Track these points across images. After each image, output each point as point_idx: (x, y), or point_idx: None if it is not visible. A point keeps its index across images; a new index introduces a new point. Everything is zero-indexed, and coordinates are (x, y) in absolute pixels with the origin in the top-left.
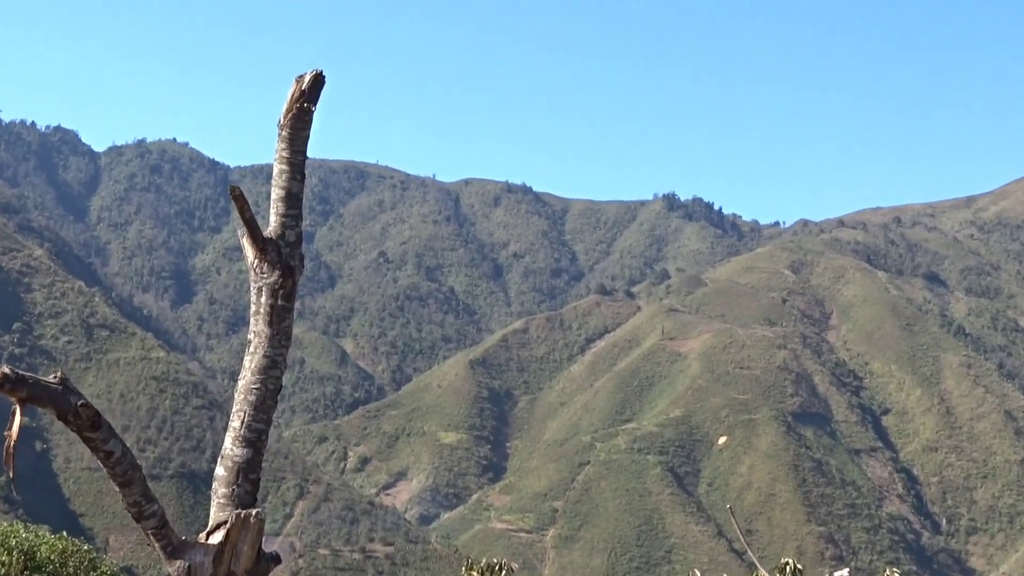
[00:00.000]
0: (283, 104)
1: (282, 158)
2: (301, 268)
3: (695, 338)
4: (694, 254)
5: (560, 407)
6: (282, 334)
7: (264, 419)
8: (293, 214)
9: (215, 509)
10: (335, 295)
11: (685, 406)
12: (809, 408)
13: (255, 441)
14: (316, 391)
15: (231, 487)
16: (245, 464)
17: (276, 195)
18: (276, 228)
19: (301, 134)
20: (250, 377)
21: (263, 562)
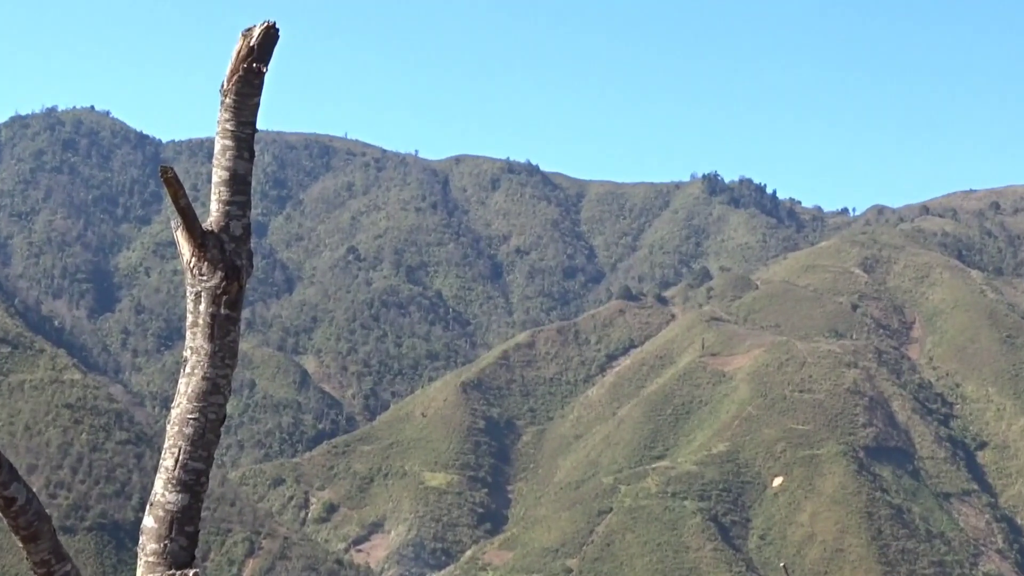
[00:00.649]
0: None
1: (226, 131)
2: (250, 268)
3: (743, 354)
4: (741, 249)
5: (575, 441)
6: (226, 351)
7: (204, 457)
8: (240, 201)
9: (143, 570)
10: (293, 302)
11: (731, 439)
12: (886, 441)
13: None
14: (270, 422)
15: (163, 542)
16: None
17: (219, 177)
18: (219, 218)
19: (249, 102)
20: (186, 405)
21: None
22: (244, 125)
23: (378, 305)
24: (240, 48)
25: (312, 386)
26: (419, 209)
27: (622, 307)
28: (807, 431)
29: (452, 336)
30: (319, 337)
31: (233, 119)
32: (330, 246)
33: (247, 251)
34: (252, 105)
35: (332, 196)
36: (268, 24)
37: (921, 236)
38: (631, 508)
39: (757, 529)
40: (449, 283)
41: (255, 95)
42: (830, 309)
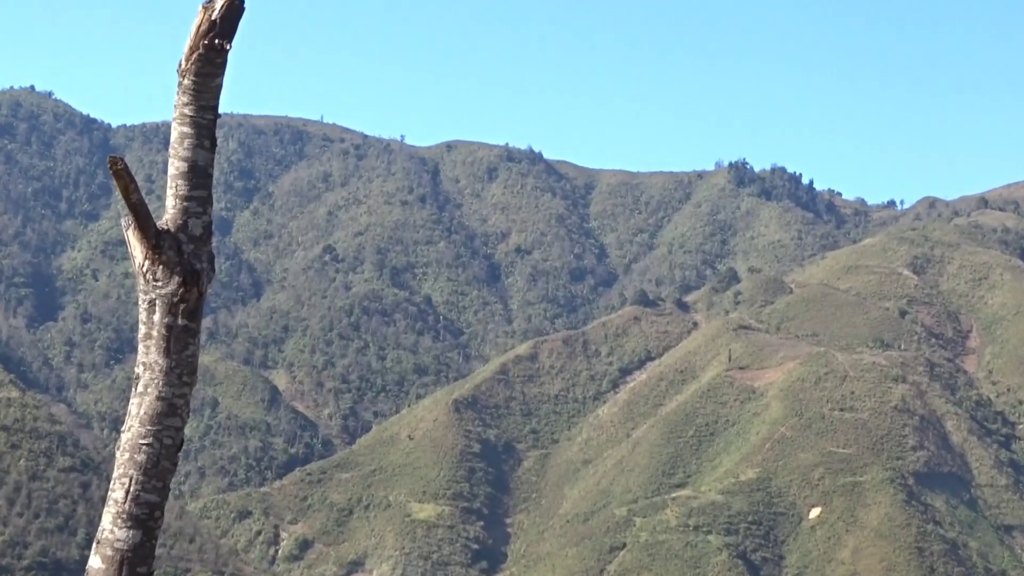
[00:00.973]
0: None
1: (184, 116)
2: (211, 272)
3: (776, 367)
4: (773, 247)
5: (583, 467)
6: (184, 367)
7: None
8: (199, 196)
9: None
10: (261, 309)
11: (762, 465)
12: (939, 467)
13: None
14: (235, 446)
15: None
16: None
17: (176, 168)
18: (176, 216)
19: (210, 83)
20: (139, 428)
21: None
22: (205, 109)
23: (358, 312)
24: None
25: (283, 405)
26: (405, 203)
27: (637, 314)
28: (849, 455)
29: (443, 347)
30: (291, 349)
31: (192, 102)
32: (304, 245)
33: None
34: (214, 87)
35: (306, 188)
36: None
37: (979, 232)
38: (648, 544)
39: (791, 568)
40: (440, 287)
41: (217, 75)
42: (875, 316)
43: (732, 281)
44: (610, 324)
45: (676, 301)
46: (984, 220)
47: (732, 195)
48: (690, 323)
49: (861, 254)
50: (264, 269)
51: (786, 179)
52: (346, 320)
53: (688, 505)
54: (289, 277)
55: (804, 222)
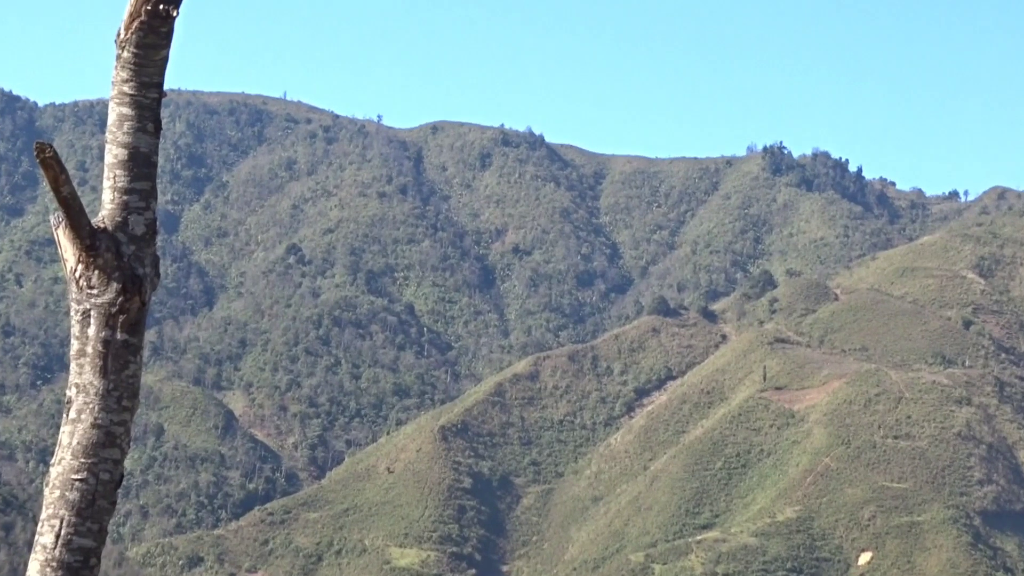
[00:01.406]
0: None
1: (123, 95)
2: (156, 278)
3: (818, 387)
4: (815, 246)
5: (593, 505)
6: (123, 389)
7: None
8: (142, 188)
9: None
10: (215, 320)
11: (803, 502)
12: (1010, 504)
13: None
14: (184, 481)
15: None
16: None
17: (114, 156)
18: (114, 212)
19: (154, 56)
20: (71, 461)
21: None
22: (147, 87)
23: (328, 323)
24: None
25: (240, 433)
26: (383, 194)
27: (655, 325)
28: (904, 490)
29: (428, 365)
30: (249, 367)
31: (133, 79)
32: (264, 244)
33: (151, 255)
34: (158, 60)
35: (266, 177)
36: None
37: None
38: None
39: None
40: (424, 294)
41: (161, 47)
42: (935, 327)
43: (767, 286)
44: (624, 337)
45: (701, 310)
46: None
47: (767, 185)
48: (718, 336)
49: (918, 254)
50: (218, 273)
51: (830, 166)
52: (314, 333)
53: (716, 549)
54: (247, 282)
55: (851, 216)
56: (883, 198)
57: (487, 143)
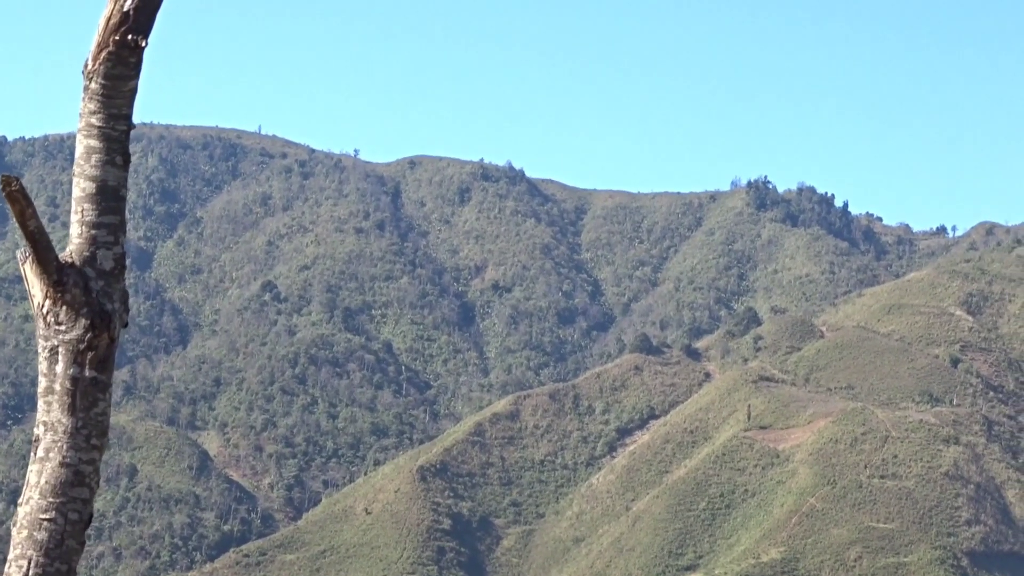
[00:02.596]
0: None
1: (91, 127)
2: (125, 314)
3: (804, 427)
4: (801, 282)
5: (574, 547)
6: (92, 427)
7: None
8: (110, 222)
9: None
10: (189, 358)
11: (788, 543)
12: (998, 544)
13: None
14: (157, 522)
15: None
16: None
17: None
18: (82, 246)
19: (123, 87)
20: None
21: None
22: (116, 118)
23: (305, 362)
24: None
25: (215, 473)
26: (360, 230)
27: (638, 363)
28: (891, 531)
29: (406, 404)
30: (224, 406)
31: (101, 110)
32: (239, 281)
33: (121, 290)
34: (126, 91)
35: (241, 213)
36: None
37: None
38: None
39: None
40: (402, 332)
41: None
42: (922, 365)
43: (751, 324)
44: (606, 375)
45: (684, 348)
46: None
47: (751, 220)
48: (701, 374)
49: (905, 291)
50: (191, 311)
51: (815, 201)
52: (290, 371)
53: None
54: (221, 320)
55: (837, 252)
56: (869, 233)
57: (466, 177)
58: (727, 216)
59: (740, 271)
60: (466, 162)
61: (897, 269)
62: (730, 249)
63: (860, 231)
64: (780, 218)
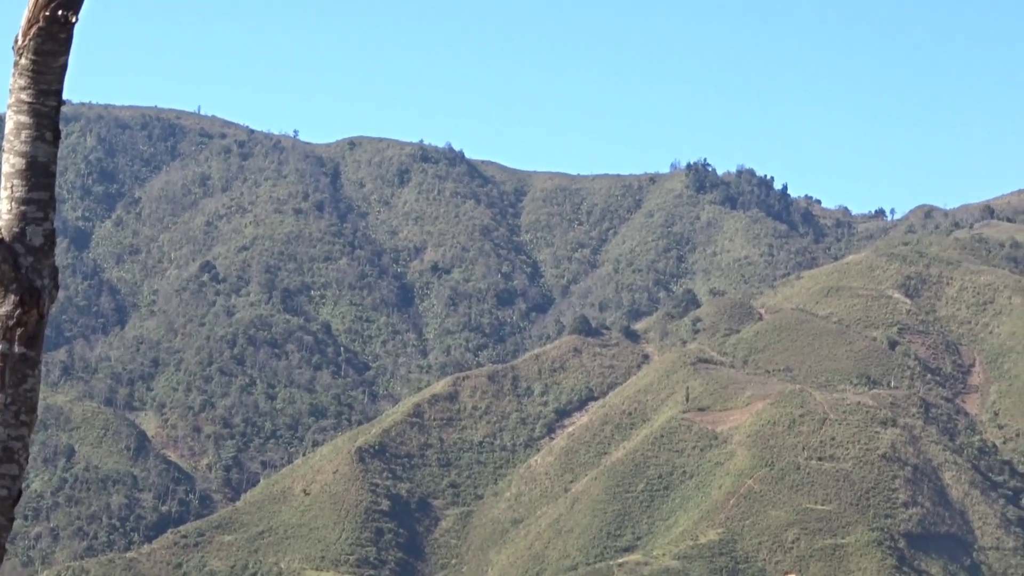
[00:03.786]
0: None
1: (21, 103)
2: (55, 290)
3: (742, 408)
4: (739, 264)
5: (513, 528)
6: (21, 403)
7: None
8: (40, 198)
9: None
10: (126, 339)
11: (726, 524)
12: (935, 527)
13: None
14: (95, 502)
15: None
16: None
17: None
18: (11, 222)
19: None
20: None
21: None
22: (46, 94)
23: (243, 343)
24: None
25: (153, 454)
26: (299, 211)
27: (577, 345)
28: (828, 513)
29: (345, 385)
30: (162, 387)
31: (31, 86)
32: (177, 262)
33: (50, 266)
34: (56, 67)
35: (179, 193)
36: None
37: (983, 247)
38: None
39: None
40: (341, 313)
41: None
42: (860, 347)
43: (690, 306)
44: (544, 357)
45: (623, 329)
46: (989, 233)
47: (690, 203)
48: (640, 356)
49: (844, 273)
50: (129, 291)
51: (755, 183)
52: (228, 352)
53: (638, 572)
54: (160, 300)
55: (776, 235)
56: (808, 216)
57: (406, 159)
58: (666, 198)
59: (679, 253)
60: (406, 143)
61: (836, 252)
62: (669, 231)
63: (799, 214)
64: (719, 200)
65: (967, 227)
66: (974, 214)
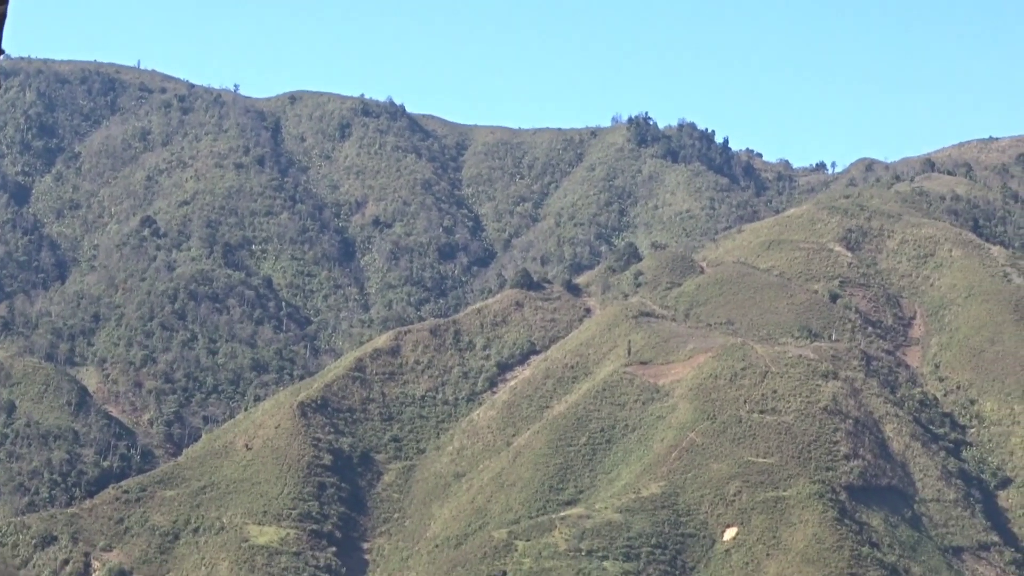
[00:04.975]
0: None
1: None
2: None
3: (684, 362)
4: (681, 219)
5: (455, 481)
6: None
7: None
8: None
9: None
10: (67, 294)
11: (668, 477)
12: (876, 479)
13: None
14: (35, 458)
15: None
16: None
17: None
18: None
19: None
20: None
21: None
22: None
23: (184, 297)
24: None
25: (94, 409)
26: (240, 166)
27: (519, 299)
28: (770, 465)
29: (286, 339)
30: (103, 342)
31: None
32: (117, 217)
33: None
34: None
35: (120, 148)
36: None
37: (924, 200)
38: (532, 572)
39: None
40: (282, 267)
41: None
42: (801, 300)
43: (632, 259)
44: (486, 311)
45: (565, 283)
46: (930, 186)
47: (632, 156)
48: (582, 309)
49: (785, 227)
50: (70, 246)
51: (696, 137)
52: (169, 307)
53: (580, 526)
54: (100, 255)
55: (717, 188)
56: (750, 169)
57: (347, 113)
58: (608, 152)
59: (621, 207)
60: (347, 97)
61: (777, 205)
62: (611, 185)
63: (740, 167)
64: (660, 154)
65: (908, 180)
66: (915, 167)
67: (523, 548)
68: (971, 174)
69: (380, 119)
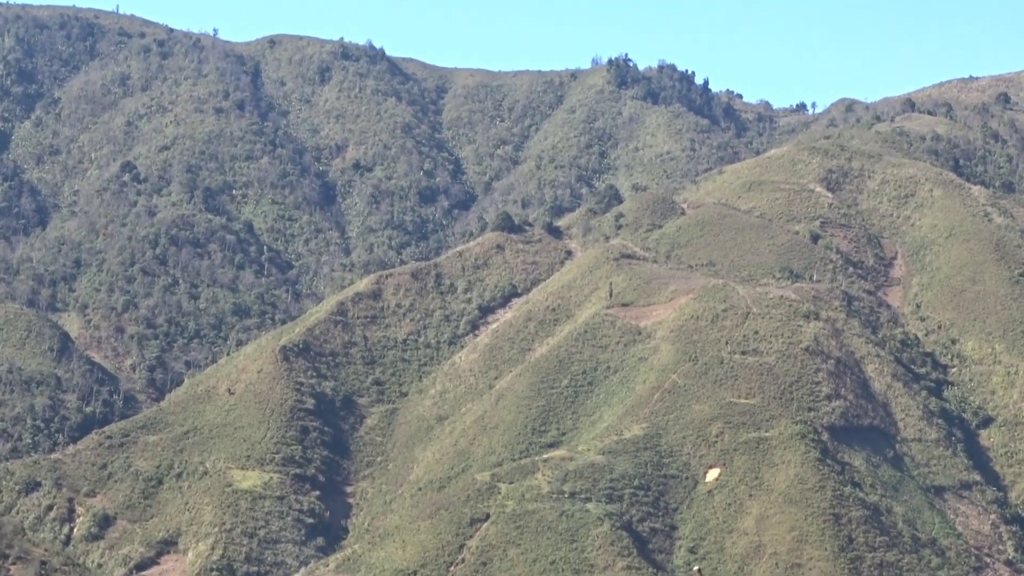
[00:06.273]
0: None
1: None
2: None
3: (665, 303)
4: (662, 160)
5: (438, 424)
6: None
7: None
8: None
9: None
10: (48, 239)
11: (650, 419)
12: (858, 419)
13: None
14: (18, 404)
15: None
16: None
17: None
18: None
19: None
20: None
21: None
22: None
23: (165, 242)
24: None
25: (76, 355)
26: (220, 110)
27: (500, 241)
28: (752, 406)
29: (268, 284)
30: (84, 288)
31: None
32: (98, 162)
33: None
34: None
35: (99, 93)
36: None
37: (905, 140)
38: (515, 514)
39: (685, 540)
40: (263, 212)
41: None
42: (782, 241)
43: (613, 201)
44: (468, 254)
45: (546, 226)
46: (910, 126)
47: (612, 98)
48: (563, 252)
49: (766, 168)
50: (50, 192)
51: (676, 79)
52: (150, 252)
53: (563, 468)
54: (81, 201)
55: (698, 130)
56: (730, 111)
57: (326, 57)
58: (588, 94)
59: (601, 149)
60: (326, 41)
61: (758, 146)
62: (591, 127)
63: (721, 108)
64: (641, 96)
65: (888, 120)
66: (895, 107)
67: (506, 491)
68: (951, 114)
69: (360, 63)
